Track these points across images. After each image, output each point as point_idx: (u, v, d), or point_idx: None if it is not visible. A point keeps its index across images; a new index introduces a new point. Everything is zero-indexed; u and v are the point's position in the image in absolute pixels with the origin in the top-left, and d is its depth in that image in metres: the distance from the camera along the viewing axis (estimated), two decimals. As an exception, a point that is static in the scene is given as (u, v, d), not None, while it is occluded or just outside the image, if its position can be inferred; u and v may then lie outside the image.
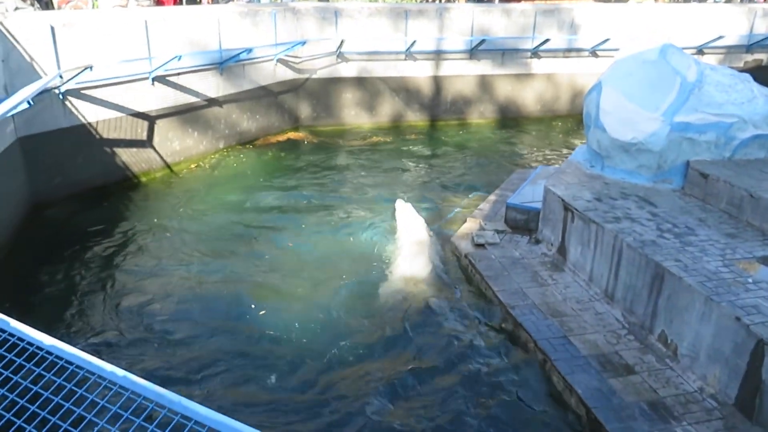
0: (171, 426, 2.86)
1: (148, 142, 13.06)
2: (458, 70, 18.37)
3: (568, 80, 19.37)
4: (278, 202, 11.91)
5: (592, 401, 5.80)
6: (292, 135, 16.88)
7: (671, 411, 5.64)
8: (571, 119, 19.24)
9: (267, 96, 16.24)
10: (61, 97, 11.12)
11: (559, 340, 6.78)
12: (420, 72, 18.12)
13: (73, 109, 11.43)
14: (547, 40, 18.03)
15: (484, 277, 8.28)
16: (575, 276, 8.16)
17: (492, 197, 11.25)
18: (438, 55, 17.99)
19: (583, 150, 9.95)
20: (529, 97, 19.35)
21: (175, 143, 13.74)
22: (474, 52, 18.09)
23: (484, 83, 18.78)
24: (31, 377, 3.20)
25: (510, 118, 19.19)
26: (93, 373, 3.12)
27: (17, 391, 3.15)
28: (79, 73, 10.88)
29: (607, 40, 18.23)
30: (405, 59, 17.80)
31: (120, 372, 3.07)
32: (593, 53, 19.02)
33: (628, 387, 5.98)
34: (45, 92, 10.55)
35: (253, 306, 8.01)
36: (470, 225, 10.01)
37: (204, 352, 7.03)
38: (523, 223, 9.69)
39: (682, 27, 18.98)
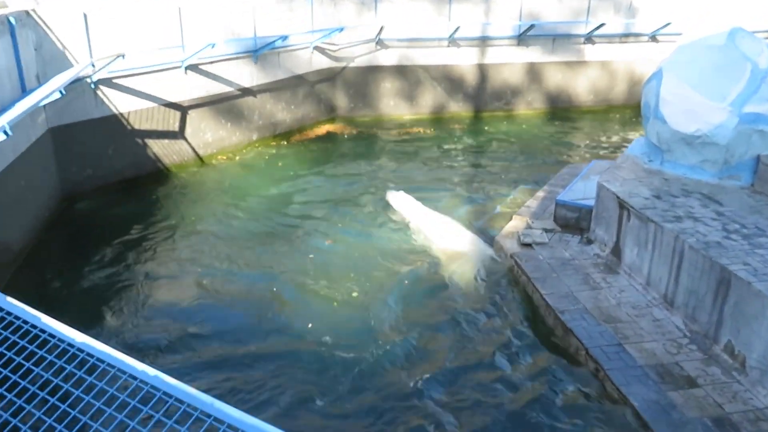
0: (201, 425, 2.90)
1: (180, 134, 13.32)
2: (505, 58, 18.16)
3: (625, 68, 18.96)
4: (315, 197, 11.99)
5: (649, 415, 5.67)
6: (330, 128, 16.96)
7: (738, 428, 5.46)
8: (628, 110, 18.85)
9: (303, 85, 16.37)
10: (92, 86, 11.42)
11: (613, 348, 6.64)
12: (464, 60, 17.98)
13: (105, 99, 11.73)
14: (602, 25, 17.68)
15: (531, 279, 8.18)
16: (631, 279, 7.99)
17: (540, 193, 11.10)
18: (483, 41, 17.81)
19: (640, 143, 9.76)
20: (582, 86, 19.01)
21: (207, 134, 13.97)
22: (522, 38, 17.86)
23: (533, 71, 18.53)
24: (63, 375, 3.28)
25: (561, 109, 18.91)
26: (124, 372, 3.18)
27: (48, 389, 3.23)
28: (111, 62, 11.15)
29: (668, 24, 17.76)
30: (448, 46, 17.69)
31: (151, 371, 3.13)
32: (653, 38, 18.57)
33: (690, 401, 5.82)
34: (77, 81, 10.87)
35: (288, 307, 8.10)
36: (516, 223, 9.90)
37: (236, 354, 7.12)
38: (573, 221, 9.54)
39: (753, 9, 18.33)
